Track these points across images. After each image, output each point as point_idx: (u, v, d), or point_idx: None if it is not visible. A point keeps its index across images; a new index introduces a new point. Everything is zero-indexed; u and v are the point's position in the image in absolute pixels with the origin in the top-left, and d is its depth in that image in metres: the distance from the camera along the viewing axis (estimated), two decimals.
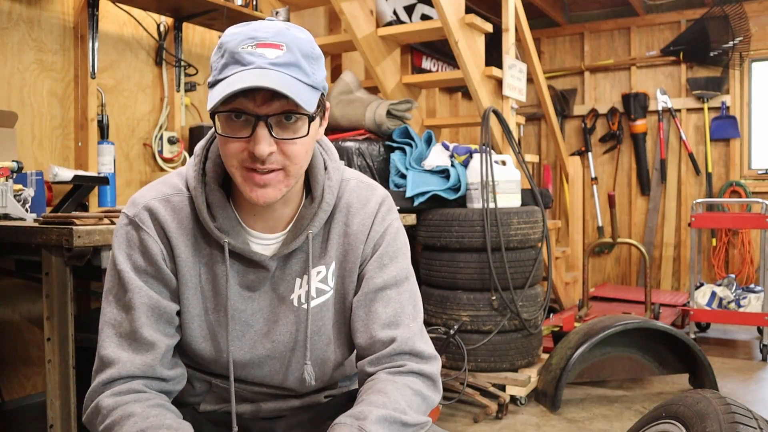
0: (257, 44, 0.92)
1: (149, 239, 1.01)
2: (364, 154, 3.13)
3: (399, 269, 1.09)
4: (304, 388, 1.13)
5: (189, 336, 1.05)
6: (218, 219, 1.02)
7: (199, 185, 1.02)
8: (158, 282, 1.02)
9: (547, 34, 5.85)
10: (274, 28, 0.95)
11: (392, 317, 1.06)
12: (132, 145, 3.08)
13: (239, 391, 1.11)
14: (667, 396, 2.98)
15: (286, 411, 1.15)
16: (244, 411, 1.12)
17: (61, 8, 2.76)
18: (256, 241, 1.05)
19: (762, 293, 3.84)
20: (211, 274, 1.04)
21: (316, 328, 1.08)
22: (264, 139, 0.92)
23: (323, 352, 1.10)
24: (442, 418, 2.70)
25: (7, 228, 1.75)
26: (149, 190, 1.05)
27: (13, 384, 2.63)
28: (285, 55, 0.92)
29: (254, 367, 1.08)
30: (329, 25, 4.04)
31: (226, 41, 0.95)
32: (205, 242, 1.04)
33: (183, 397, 1.13)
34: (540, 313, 3.04)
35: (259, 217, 1.05)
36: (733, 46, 5.01)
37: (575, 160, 4.70)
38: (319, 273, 1.08)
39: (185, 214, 1.03)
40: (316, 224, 1.05)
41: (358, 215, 1.09)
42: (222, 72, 0.93)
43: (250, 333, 1.06)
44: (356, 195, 1.10)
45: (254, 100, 0.91)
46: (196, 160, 1.05)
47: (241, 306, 1.05)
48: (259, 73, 0.90)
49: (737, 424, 1.35)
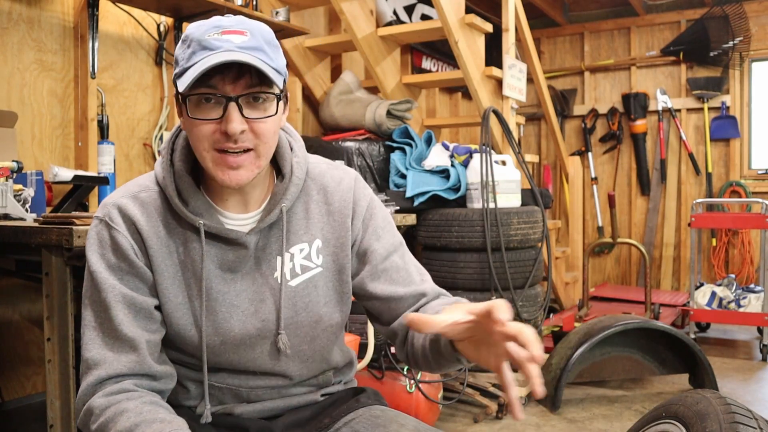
0: (222, 32, 0.96)
1: (119, 236, 1.02)
2: (364, 154, 3.13)
3: (393, 236, 1.16)
4: (297, 370, 1.13)
5: (176, 326, 1.05)
6: (190, 204, 1.04)
7: (168, 175, 1.05)
8: (133, 277, 1.03)
9: (547, 34, 5.85)
10: (236, 18, 1.00)
11: (406, 279, 1.12)
12: (132, 145, 3.08)
13: (235, 389, 1.11)
14: (667, 396, 2.98)
15: (284, 410, 1.15)
16: (242, 411, 1.12)
17: (61, 8, 2.76)
18: (230, 222, 1.07)
19: (762, 293, 3.84)
20: (189, 260, 1.05)
21: (303, 305, 1.09)
22: (236, 118, 0.95)
23: (312, 329, 1.10)
24: (442, 418, 2.70)
25: (7, 228, 1.75)
26: (117, 191, 1.08)
27: (13, 384, 2.63)
28: (250, 41, 0.96)
29: (246, 348, 1.08)
30: (329, 25, 4.04)
31: (190, 33, 0.98)
32: (178, 230, 1.05)
33: (178, 401, 1.13)
34: (540, 313, 3.04)
35: (231, 200, 1.07)
36: (733, 46, 5.01)
37: (575, 160, 4.70)
38: (302, 250, 1.10)
39: (155, 207, 1.05)
40: (288, 198, 1.08)
41: (336, 193, 1.13)
42: (190, 60, 0.96)
43: (237, 313, 1.07)
44: (329, 175, 1.14)
45: (223, 81, 0.95)
46: (163, 153, 1.08)
47: (224, 288, 1.06)
48: (228, 54, 0.94)
49: (737, 424, 1.35)
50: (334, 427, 1.14)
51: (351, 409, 1.16)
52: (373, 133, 3.24)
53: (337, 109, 3.28)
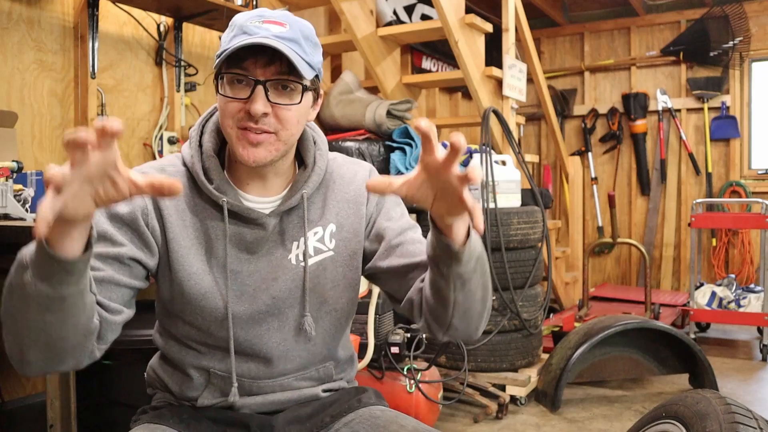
0: (264, 20, 1.02)
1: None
2: (364, 154, 3.13)
3: (406, 220, 1.19)
4: (301, 353, 1.13)
5: (188, 295, 1.06)
6: (215, 182, 1.08)
7: (196, 153, 1.09)
8: (131, 231, 1.03)
9: (547, 34, 5.85)
10: (281, 11, 1.06)
11: (420, 250, 1.12)
12: (132, 145, 3.08)
13: (240, 380, 1.11)
14: (667, 396, 2.98)
15: (285, 405, 1.15)
16: (243, 404, 1.13)
17: (61, 8, 2.76)
18: (251, 203, 1.10)
19: (762, 293, 3.84)
20: (206, 238, 1.08)
21: (311, 286, 1.11)
22: (260, 100, 1.00)
23: (316, 311, 1.12)
24: (442, 418, 2.70)
25: (7, 228, 1.75)
26: (145, 164, 1.13)
27: (13, 384, 2.63)
28: (287, 32, 1.01)
29: (254, 323, 1.09)
30: (329, 25, 4.04)
31: (236, 19, 1.04)
32: (200, 207, 1.08)
33: (182, 391, 1.13)
34: (540, 313, 3.04)
35: (252, 184, 1.10)
36: (733, 46, 5.01)
37: (575, 160, 4.70)
38: (316, 234, 1.13)
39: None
40: (310, 185, 1.12)
41: (353, 183, 1.18)
42: (230, 42, 1.01)
43: (248, 291, 1.09)
44: (346, 168, 1.19)
45: (255, 64, 1.00)
46: (193, 134, 1.13)
47: (238, 267, 1.08)
48: (262, 40, 0.99)
49: (737, 424, 1.35)
50: (335, 427, 1.14)
51: (352, 409, 1.16)
52: (373, 133, 3.24)
53: (337, 109, 3.28)
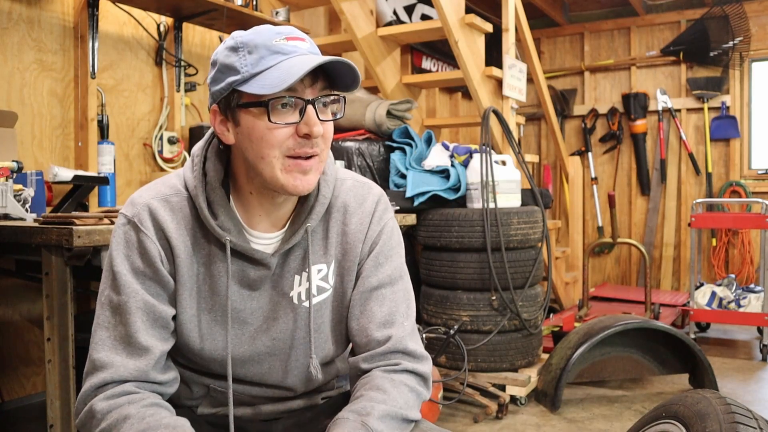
0: (287, 38, 0.97)
1: (148, 241, 1.00)
2: (364, 154, 3.13)
3: (393, 268, 1.12)
4: (303, 386, 1.13)
5: (186, 336, 1.04)
6: (219, 217, 1.02)
7: (200, 184, 1.02)
8: (156, 284, 1.01)
9: (547, 34, 5.85)
10: (287, 26, 1.03)
11: (387, 316, 1.08)
12: (132, 145, 3.08)
13: (237, 394, 1.11)
14: (667, 396, 2.98)
15: (284, 413, 1.15)
16: (242, 413, 1.12)
17: (61, 8, 2.76)
18: (256, 241, 1.05)
19: (762, 293, 3.84)
20: (208, 274, 1.04)
21: (316, 326, 1.09)
22: (317, 120, 0.96)
23: (321, 350, 1.11)
24: (442, 418, 2.70)
25: (7, 228, 1.75)
26: (148, 190, 1.05)
27: (13, 384, 2.63)
28: (312, 47, 1.00)
29: (253, 364, 1.08)
30: (329, 25, 4.04)
31: (249, 39, 0.97)
32: (203, 242, 1.04)
33: (180, 400, 1.13)
34: (540, 313, 3.04)
35: (265, 216, 1.05)
36: (733, 46, 5.01)
37: (575, 160, 4.70)
38: (320, 271, 1.09)
39: (184, 214, 1.03)
40: (313, 217, 1.06)
41: (356, 214, 1.11)
42: (260, 64, 0.95)
43: (249, 330, 1.06)
44: (353, 194, 1.12)
45: (303, 84, 0.96)
46: (195, 161, 1.05)
47: (240, 305, 1.05)
48: (307, 58, 0.94)
49: (737, 424, 1.35)
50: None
51: None
52: (373, 133, 3.24)
53: None
